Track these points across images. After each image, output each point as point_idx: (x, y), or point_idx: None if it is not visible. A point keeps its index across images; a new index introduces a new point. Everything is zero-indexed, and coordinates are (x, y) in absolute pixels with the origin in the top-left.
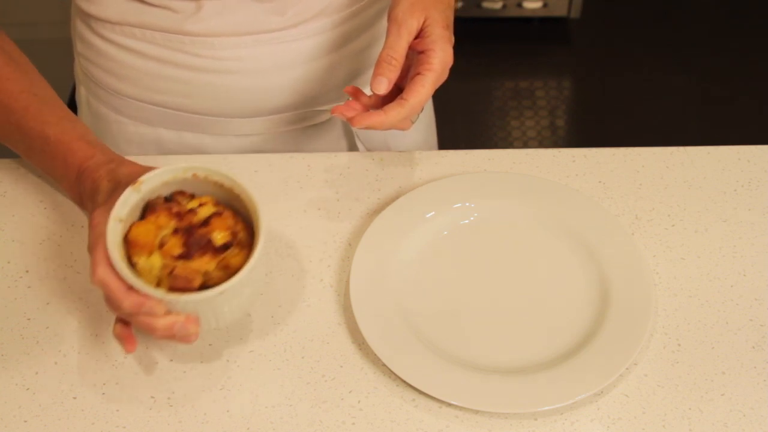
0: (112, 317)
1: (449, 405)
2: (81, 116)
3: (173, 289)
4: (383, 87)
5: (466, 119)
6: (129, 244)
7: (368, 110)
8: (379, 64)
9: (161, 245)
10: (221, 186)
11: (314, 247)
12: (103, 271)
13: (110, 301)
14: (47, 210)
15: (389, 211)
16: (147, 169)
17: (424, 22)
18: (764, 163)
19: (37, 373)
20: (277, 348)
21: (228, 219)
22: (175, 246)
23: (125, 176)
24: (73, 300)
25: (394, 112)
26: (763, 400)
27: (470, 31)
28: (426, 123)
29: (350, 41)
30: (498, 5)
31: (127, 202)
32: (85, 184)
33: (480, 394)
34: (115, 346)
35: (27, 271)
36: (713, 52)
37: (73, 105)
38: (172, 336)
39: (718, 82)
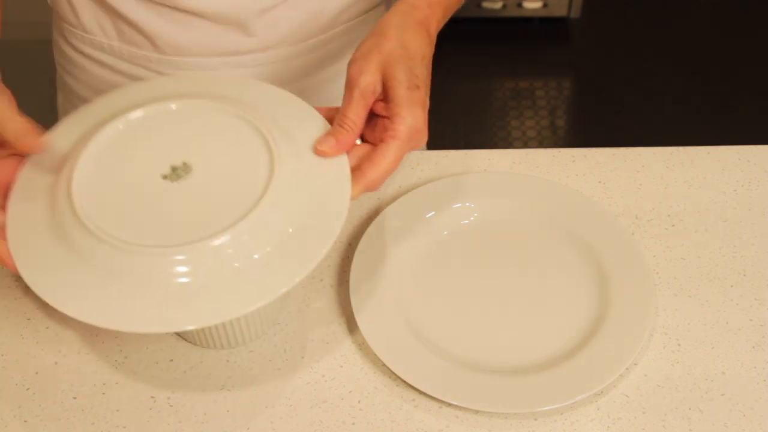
0: None
1: (449, 405)
2: None
3: None
4: (328, 146)
5: (466, 119)
6: None
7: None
8: (333, 126)
9: None
10: None
11: None
12: None
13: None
14: None
15: (389, 211)
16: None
17: (386, 83)
18: (764, 163)
19: (37, 373)
20: (277, 348)
21: None
22: None
23: None
24: None
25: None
26: (763, 400)
27: (470, 31)
28: None
29: (320, 69)
30: (498, 5)
31: None
32: None
33: (480, 394)
34: (115, 346)
35: None
36: (713, 52)
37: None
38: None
39: (718, 82)
